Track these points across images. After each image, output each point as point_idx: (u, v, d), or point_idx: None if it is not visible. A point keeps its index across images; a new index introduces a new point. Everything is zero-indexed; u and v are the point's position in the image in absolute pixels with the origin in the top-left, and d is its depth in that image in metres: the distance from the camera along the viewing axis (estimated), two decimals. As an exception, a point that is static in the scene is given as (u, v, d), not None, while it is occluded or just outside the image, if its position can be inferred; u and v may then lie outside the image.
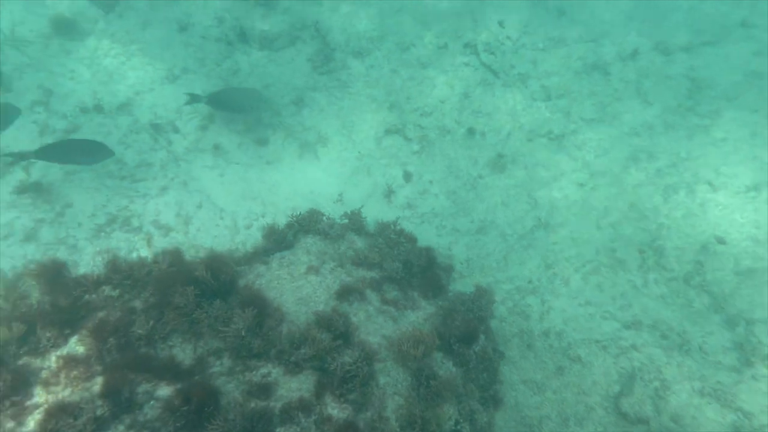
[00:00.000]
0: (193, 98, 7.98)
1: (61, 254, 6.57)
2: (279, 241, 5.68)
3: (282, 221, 8.02)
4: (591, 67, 9.02)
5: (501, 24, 9.50)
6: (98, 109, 8.08)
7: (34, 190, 7.00)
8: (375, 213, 7.88)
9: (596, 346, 6.30)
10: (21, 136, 7.51)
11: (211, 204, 7.66)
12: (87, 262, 6.62)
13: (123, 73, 8.56)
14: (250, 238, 7.53)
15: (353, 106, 9.09)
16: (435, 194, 8.26)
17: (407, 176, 8.42)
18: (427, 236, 7.73)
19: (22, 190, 6.93)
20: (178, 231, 7.26)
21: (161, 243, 7.07)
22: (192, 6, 9.33)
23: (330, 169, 8.52)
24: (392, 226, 5.92)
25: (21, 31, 8.44)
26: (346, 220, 6.17)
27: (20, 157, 6.65)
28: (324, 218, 6.02)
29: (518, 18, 9.54)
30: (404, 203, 8.19)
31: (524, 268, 7.20)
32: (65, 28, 8.61)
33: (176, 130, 8.18)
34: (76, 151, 6.78)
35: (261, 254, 5.61)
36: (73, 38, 8.68)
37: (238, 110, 8.29)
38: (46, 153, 6.65)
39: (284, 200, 8.03)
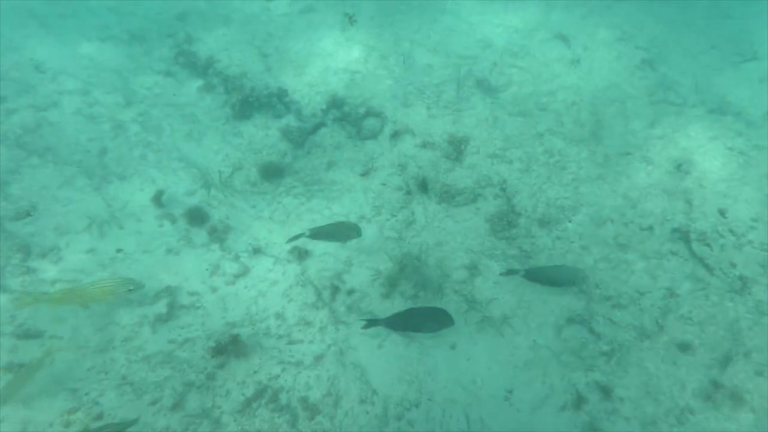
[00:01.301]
0: (510, 271, 7.09)
1: (204, 429, 5.75)
2: None
3: (437, 415, 6.73)
4: None
5: (722, 213, 7.72)
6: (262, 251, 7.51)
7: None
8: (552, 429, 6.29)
9: None
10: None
11: (364, 383, 6.54)
12: (227, 443, 5.74)
13: (300, 215, 8.02)
14: (400, 434, 6.27)
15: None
16: (627, 418, 6.45)
17: (592, 387, 6.73)
18: (616, 482, 5.92)
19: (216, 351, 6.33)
20: (324, 414, 6.17)
21: (306, 430, 6.04)
22: (378, 148, 8.73)
23: (498, 357, 7.09)
24: None
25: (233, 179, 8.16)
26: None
27: (373, 323, 6.27)
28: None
29: (746, 209, 7.70)
30: (586, 423, 6.48)
31: None
32: (269, 171, 8.27)
33: (351, 291, 7.30)
34: (422, 319, 6.29)
35: None
36: (266, 176, 8.34)
37: (559, 284, 7.29)
38: (395, 322, 6.18)
39: (442, 389, 6.66)
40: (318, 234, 6.79)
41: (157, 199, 7.27)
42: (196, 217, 7.44)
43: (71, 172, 6.88)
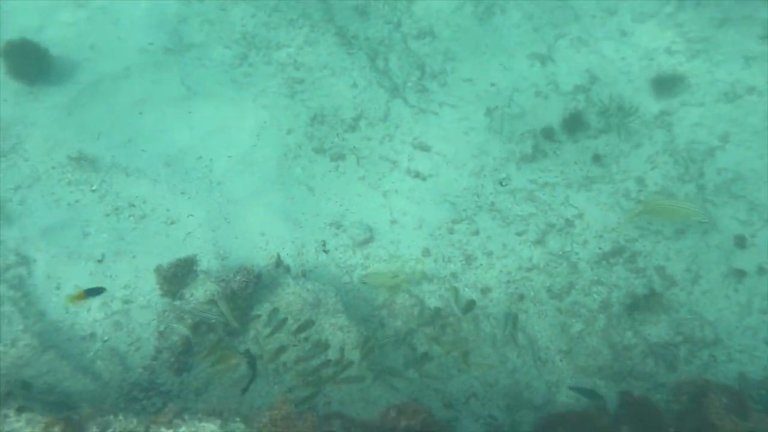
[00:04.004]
0: None
1: (562, 270, 5.94)
2: None
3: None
4: None
5: None
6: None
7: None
8: None
9: None
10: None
11: (728, 267, 5.92)
12: (582, 286, 5.87)
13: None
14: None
15: None
16: None
17: None
18: None
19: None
20: (681, 288, 5.81)
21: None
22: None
23: None
24: None
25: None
26: None
27: None
28: None
29: None
30: None
31: None
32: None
33: (721, 170, 6.42)
34: None
35: None
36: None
37: None
38: None
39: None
40: None
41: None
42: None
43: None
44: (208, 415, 2.94)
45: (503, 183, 5.80)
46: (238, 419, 3.04)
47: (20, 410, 2.55)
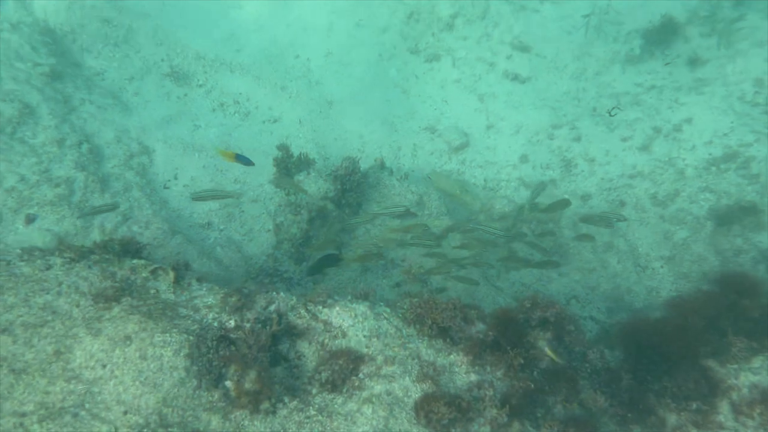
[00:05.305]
0: None
1: (668, 176, 5.58)
2: None
3: None
4: None
5: None
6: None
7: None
8: None
9: None
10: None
11: None
12: (689, 193, 5.52)
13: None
14: None
15: None
16: None
17: None
18: None
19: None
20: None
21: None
22: None
23: None
24: None
25: None
26: None
27: None
28: None
29: None
30: None
31: None
32: None
33: None
34: None
35: None
36: None
37: None
38: None
39: None
40: None
41: None
42: None
43: None
44: (356, 298, 2.93)
45: (612, 113, 5.41)
46: (382, 303, 3.03)
47: (200, 280, 2.61)
